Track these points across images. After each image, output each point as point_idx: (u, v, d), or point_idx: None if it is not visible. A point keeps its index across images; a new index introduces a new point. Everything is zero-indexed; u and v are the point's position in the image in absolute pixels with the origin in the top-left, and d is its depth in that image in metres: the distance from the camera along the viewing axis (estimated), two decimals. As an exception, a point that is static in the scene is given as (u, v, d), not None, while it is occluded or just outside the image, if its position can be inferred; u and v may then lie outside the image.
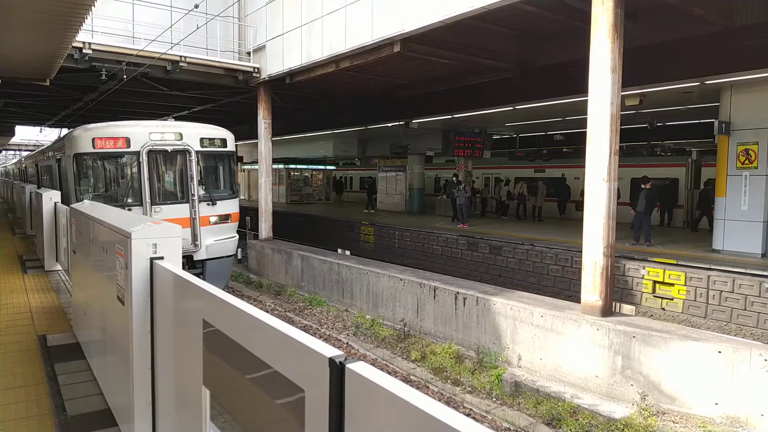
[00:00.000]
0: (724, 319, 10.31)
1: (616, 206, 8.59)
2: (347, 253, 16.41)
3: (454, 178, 21.47)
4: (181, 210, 9.82)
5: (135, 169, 9.46)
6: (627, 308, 10.77)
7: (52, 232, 8.98)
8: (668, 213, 17.81)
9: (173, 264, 3.02)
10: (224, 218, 10.45)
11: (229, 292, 2.93)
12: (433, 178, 30.00)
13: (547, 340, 8.78)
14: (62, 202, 9.11)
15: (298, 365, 1.66)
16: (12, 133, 33.25)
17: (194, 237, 9.96)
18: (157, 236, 3.09)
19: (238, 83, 16.54)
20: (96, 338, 4.43)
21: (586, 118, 8.67)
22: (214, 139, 10.35)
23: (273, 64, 15.68)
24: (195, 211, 9.85)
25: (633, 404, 7.58)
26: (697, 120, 19.69)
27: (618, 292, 11.23)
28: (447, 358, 9.64)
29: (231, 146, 10.69)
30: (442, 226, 18.36)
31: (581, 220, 9.02)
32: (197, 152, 9.94)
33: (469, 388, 8.85)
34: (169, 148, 9.70)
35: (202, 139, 10.10)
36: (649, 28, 10.97)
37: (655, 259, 11.38)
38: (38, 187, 13.67)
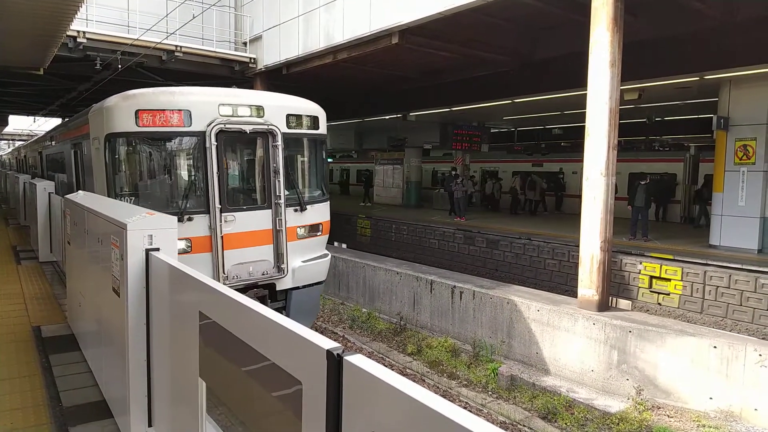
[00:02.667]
0: (719, 314, 10.36)
1: (613, 201, 8.59)
2: (344, 246, 16.39)
3: (452, 172, 21.44)
4: (262, 219, 7.05)
5: (197, 159, 6.71)
6: (623, 303, 10.79)
7: (47, 223, 8.92)
8: (663, 208, 17.84)
9: (169, 255, 3.00)
10: (314, 229, 7.69)
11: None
12: (431, 171, 29.96)
13: (543, 335, 8.80)
14: None
15: (296, 357, 1.64)
16: (5, 123, 33.01)
17: (279, 257, 7.11)
18: (152, 227, 3.06)
19: (234, 74, 16.41)
20: (91, 330, 4.40)
21: (584, 112, 8.64)
22: (304, 116, 7.62)
23: (270, 55, 15.56)
24: (281, 220, 7.06)
25: (628, 398, 7.62)
26: (696, 115, 19.69)
27: (615, 287, 11.26)
28: (443, 351, 9.66)
29: (323, 128, 7.93)
30: (439, 220, 18.35)
31: (576, 214, 9.02)
32: (284, 135, 7.12)
33: (465, 382, 8.87)
34: (248, 129, 6.83)
35: (288, 117, 7.32)
36: (649, 22, 10.91)
37: (652, 254, 11.40)
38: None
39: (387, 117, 21.47)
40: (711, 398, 7.16)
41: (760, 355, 6.89)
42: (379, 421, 1.29)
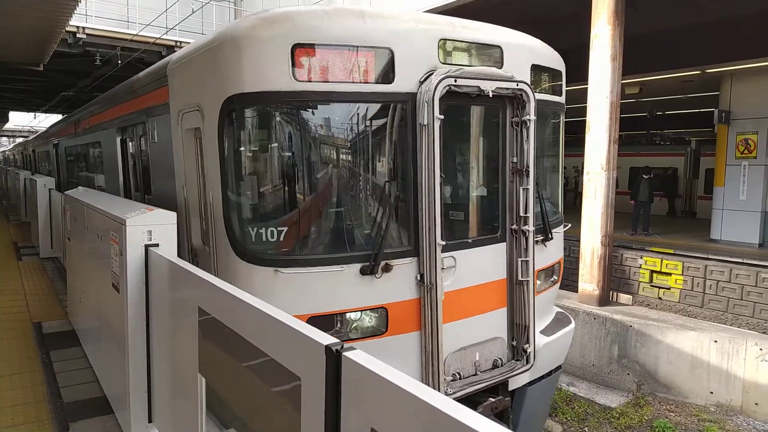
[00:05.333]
0: (720, 308, 10.33)
1: (614, 195, 8.58)
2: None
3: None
4: (490, 261, 4.03)
5: (401, 150, 3.64)
6: (624, 298, 10.79)
7: (47, 219, 8.92)
8: (671, 203, 17.75)
9: (168, 251, 2.99)
10: (551, 274, 4.71)
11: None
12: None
13: (543, 329, 8.80)
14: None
15: (295, 353, 1.64)
16: (5, 119, 33.03)
17: (517, 331, 4.11)
18: (151, 223, 3.06)
19: (234, 70, 16.37)
20: (91, 326, 4.41)
21: (585, 106, 8.61)
22: (547, 70, 4.66)
23: (270, 51, 15.52)
24: (526, 263, 4.02)
25: (629, 393, 7.63)
26: (697, 109, 19.63)
27: (615, 281, 11.23)
28: (444, 346, 9.67)
29: (563, 93, 5.12)
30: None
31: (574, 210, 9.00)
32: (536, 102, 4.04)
33: (466, 376, 8.88)
34: (489, 89, 3.70)
35: (534, 69, 4.35)
36: (650, 15, 10.85)
37: (653, 249, 11.38)
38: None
39: (388, 112, 21.39)
40: (711, 392, 7.16)
41: (761, 349, 6.89)
42: (378, 416, 1.28)
